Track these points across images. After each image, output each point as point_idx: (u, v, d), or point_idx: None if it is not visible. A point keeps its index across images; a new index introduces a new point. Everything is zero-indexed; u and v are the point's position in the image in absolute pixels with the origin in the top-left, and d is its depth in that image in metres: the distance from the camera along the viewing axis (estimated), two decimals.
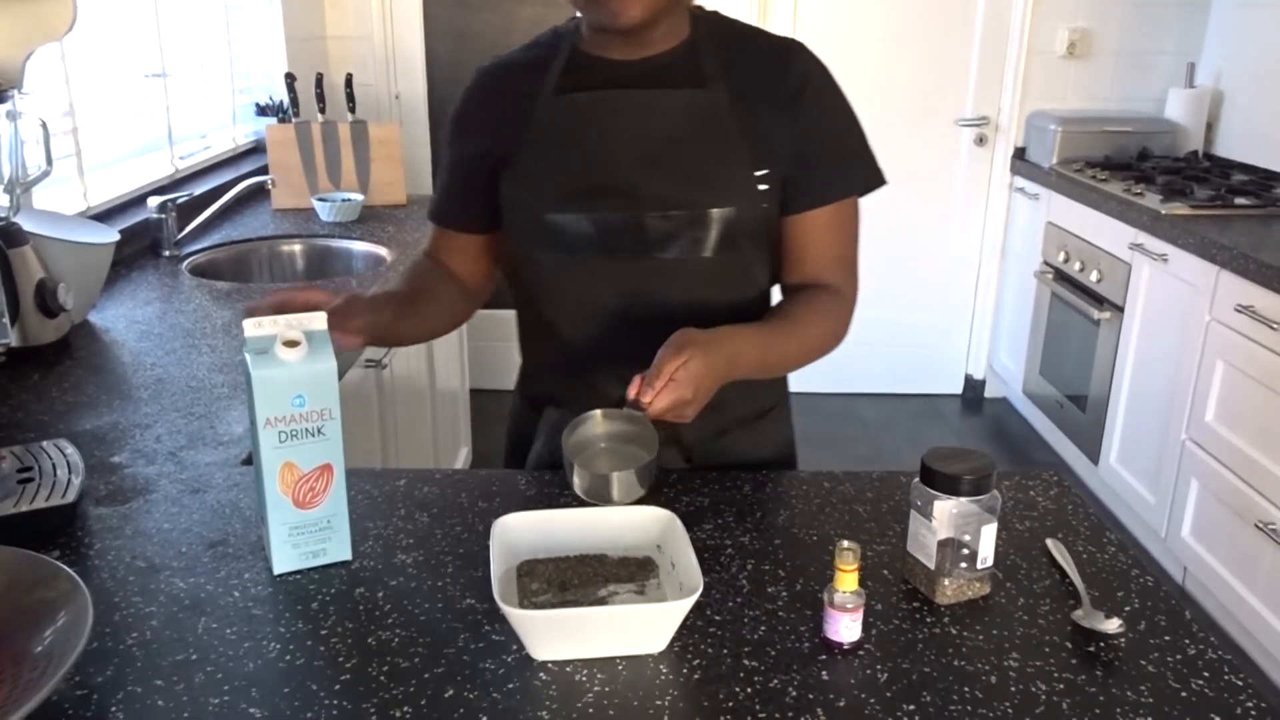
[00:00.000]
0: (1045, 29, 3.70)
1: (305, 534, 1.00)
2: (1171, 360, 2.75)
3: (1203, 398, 2.60)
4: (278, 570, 1.00)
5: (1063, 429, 3.48)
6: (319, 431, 0.98)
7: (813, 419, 3.85)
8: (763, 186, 1.18)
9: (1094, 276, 3.18)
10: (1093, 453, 3.21)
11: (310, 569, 1.01)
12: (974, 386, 4.15)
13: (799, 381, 1.34)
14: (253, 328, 0.96)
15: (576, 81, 1.20)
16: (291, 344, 0.96)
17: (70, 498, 1.08)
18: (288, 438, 0.97)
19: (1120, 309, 3.03)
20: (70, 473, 1.13)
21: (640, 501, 1.08)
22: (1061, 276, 3.42)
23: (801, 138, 1.19)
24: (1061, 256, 3.40)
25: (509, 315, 1.33)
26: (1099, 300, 3.16)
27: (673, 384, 1.04)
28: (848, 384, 4.06)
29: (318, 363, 0.96)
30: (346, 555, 1.03)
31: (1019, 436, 3.80)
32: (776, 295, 1.29)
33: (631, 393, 1.06)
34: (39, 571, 0.89)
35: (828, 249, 1.23)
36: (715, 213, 1.16)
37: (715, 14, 1.25)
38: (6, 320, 1.26)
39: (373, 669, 0.86)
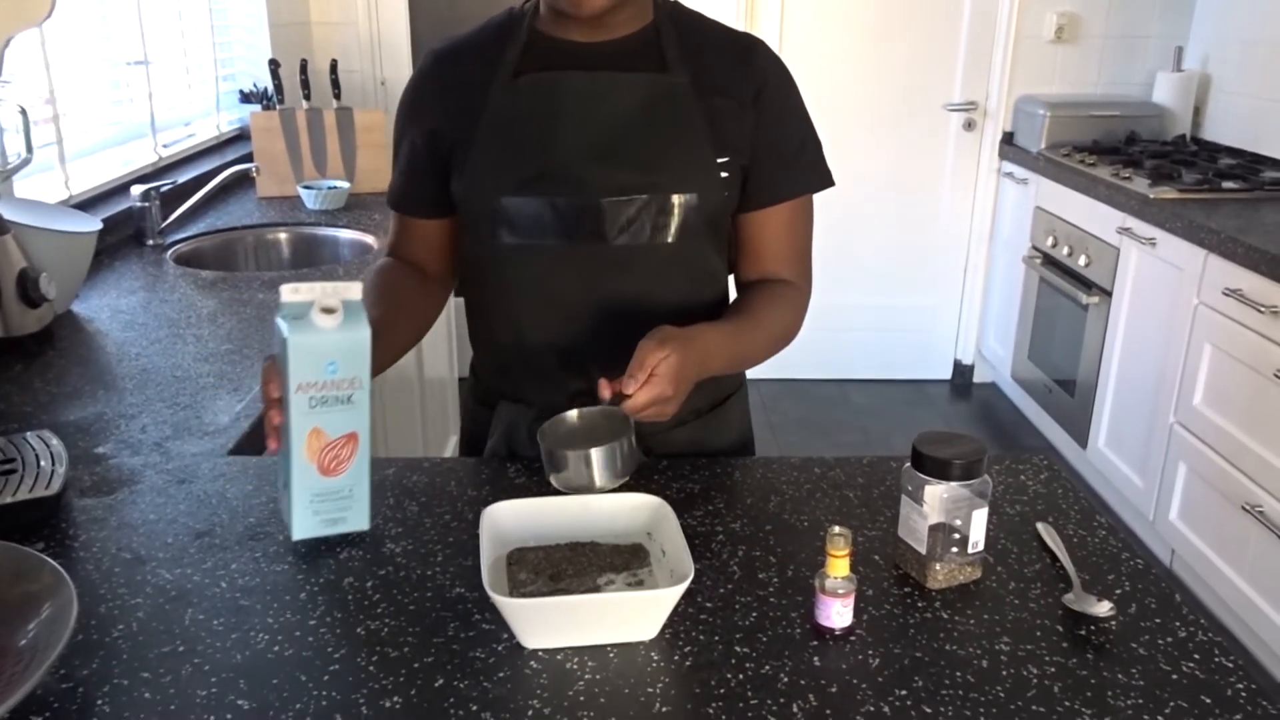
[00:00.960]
0: (1033, 13, 3.70)
1: (327, 501, 1.00)
2: (1159, 344, 2.76)
3: (1190, 381, 2.61)
4: (297, 536, 1.00)
5: (1051, 413, 3.49)
6: (348, 400, 0.98)
7: (803, 405, 3.86)
8: (724, 174, 1.17)
9: (1082, 261, 3.18)
10: (1081, 437, 3.23)
11: (319, 539, 1.02)
12: (963, 372, 4.16)
13: (790, 368, 1.34)
14: (289, 293, 0.96)
15: (534, 63, 1.18)
16: (328, 311, 0.95)
17: (54, 489, 1.07)
18: (318, 404, 0.96)
19: (1108, 293, 3.03)
20: (54, 464, 1.12)
21: (630, 488, 1.07)
22: (1050, 261, 3.43)
23: (762, 134, 1.19)
24: (1050, 241, 3.41)
25: None
26: (1087, 285, 3.16)
27: (654, 379, 1.03)
28: (838, 370, 4.06)
29: (352, 331, 0.96)
30: (364, 525, 1.03)
31: (1008, 421, 3.81)
32: (732, 290, 1.29)
33: (605, 391, 1.04)
34: (22, 564, 0.88)
35: (785, 245, 1.24)
36: (678, 198, 1.15)
37: (677, 4, 1.23)
38: None
39: (362, 659, 0.86)
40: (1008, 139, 3.81)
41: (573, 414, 1.11)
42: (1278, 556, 2.28)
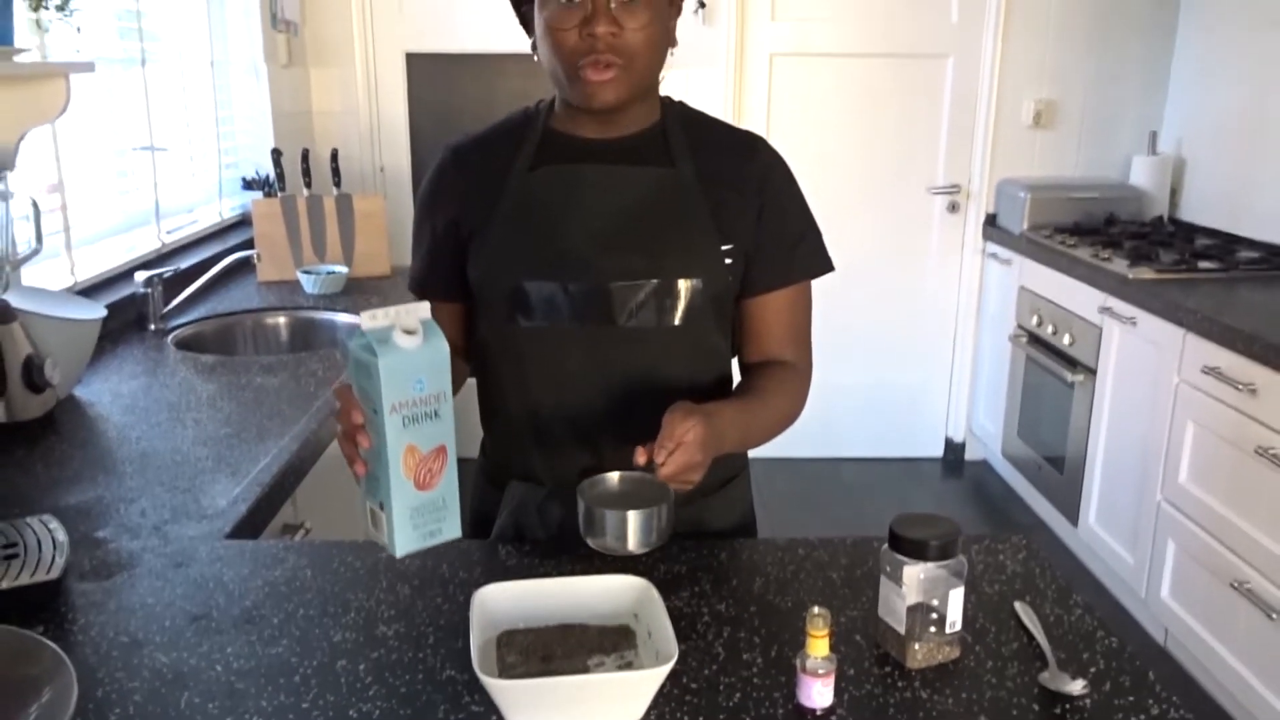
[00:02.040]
0: (1011, 100, 3.83)
1: (425, 514, 1.01)
2: (1144, 421, 2.80)
3: (1175, 458, 2.64)
4: (400, 552, 1.01)
5: (1042, 491, 3.51)
6: (436, 414, 1.00)
7: (796, 482, 3.87)
8: (728, 261, 1.23)
9: (1066, 339, 3.25)
10: (1071, 514, 3.25)
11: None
12: (954, 449, 4.19)
13: (783, 446, 1.37)
14: (369, 320, 0.99)
15: (549, 157, 1.25)
16: (410, 331, 0.99)
17: (55, 574, 1.10)
18: (410, 421, 0.98)
19: (1093, 371, 3.09)
20: (55, 549, 1.15)
21: (618, 567, 1.10)
22: (1035, 340, 3.49)
23: (764, 224, 1.26)
24: (1035, 320, 3.47)
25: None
26: (1072, 363, 3.22)
27: (683, 447, 1.07)
28: (830, 448, 4.09)
29: (433, 348, 0.99)
30: (458, 532, 1.04)
31: (999, 499, 3.83)
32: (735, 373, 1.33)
33: (640, 457, 1.07)
34: (24, 647, 0.91)
35: (786, 328, 1.29)
36: (683, 283, 1.21)
37: (682, 103, 1.31)
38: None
39: None
40: (991, 220, 3.91)
41: (614, 475, 1.13)
42: (1268, 634, 2.29)
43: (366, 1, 3.68)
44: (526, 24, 1.24)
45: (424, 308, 1.02)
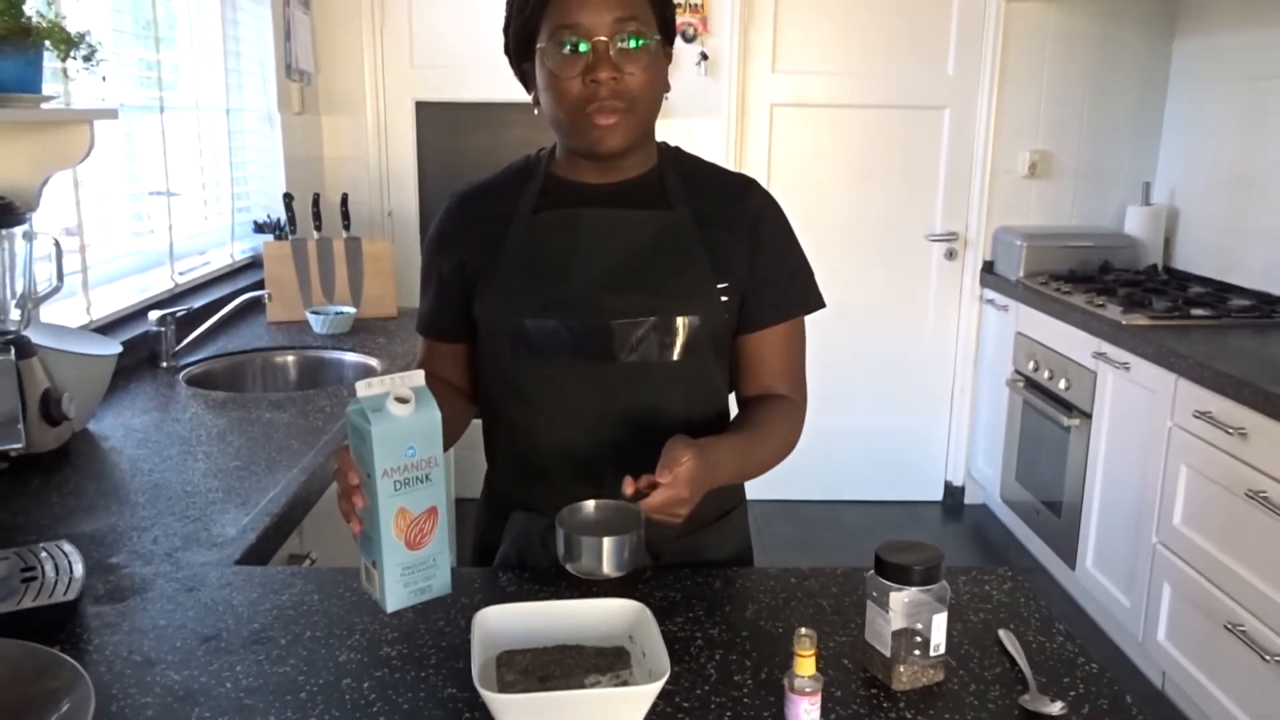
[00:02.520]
0: (1006, 151, 3.91)
1: (415, 572, 1.07)
2: (1138, 465, 2.83)
3: (1170, 501, 2.67)
4: (391, 608, 1.06)
5: (1040, 535, 3.53)
6: (427, 478, 1.05)
7: (796, 525, 3.90)
8: (724, 298, 1.28)
9: (1062, 384, 3.29)
10: (1069, 558, 3.26)
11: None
12: (954, 493, 4.21)
13: (784, 489, 1.41)
14: (364, 388, 1.05)
15: (552, 202, 1.31)
16: (403, 400, 1.04)
17: (71, 595, 1.14)
18: (401, 485, 1.04)
19: (1088, 415, 3.13)
20: (71, 572, 1.19)
21: (616, 594, 1.14)
22: (1032, 384, 3.53)
23: (758, 261, 1.31)
24: (1031, 365, 3.52)
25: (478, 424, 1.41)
26: (1068, 407, 3.26)
27: (674, 482, 1.11)
28: (831, 491, 4.12)
29: (424, 416, 1.05)
30: (448, 589, 1.10)
31: (998, 543, 3.85)
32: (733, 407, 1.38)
33: (628, 487, 1.12)
34: (44, 662, 0.95)
35: (781, 362, 1.35)
36: (681, 320, 1.26)
37: (678, 149, 1.38)
38: (21, 426, 1.33)
39: None
40: (988, 268, 3.97)
41: (590, 504, 1.19)
42: (1263, 676, 2.30)
43: (378, 53, 3.79)
44: (526, 80, 1.30)
45: (418, 376, 1.08)
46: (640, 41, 1.21)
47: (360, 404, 1.04)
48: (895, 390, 4.12)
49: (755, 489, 1.37)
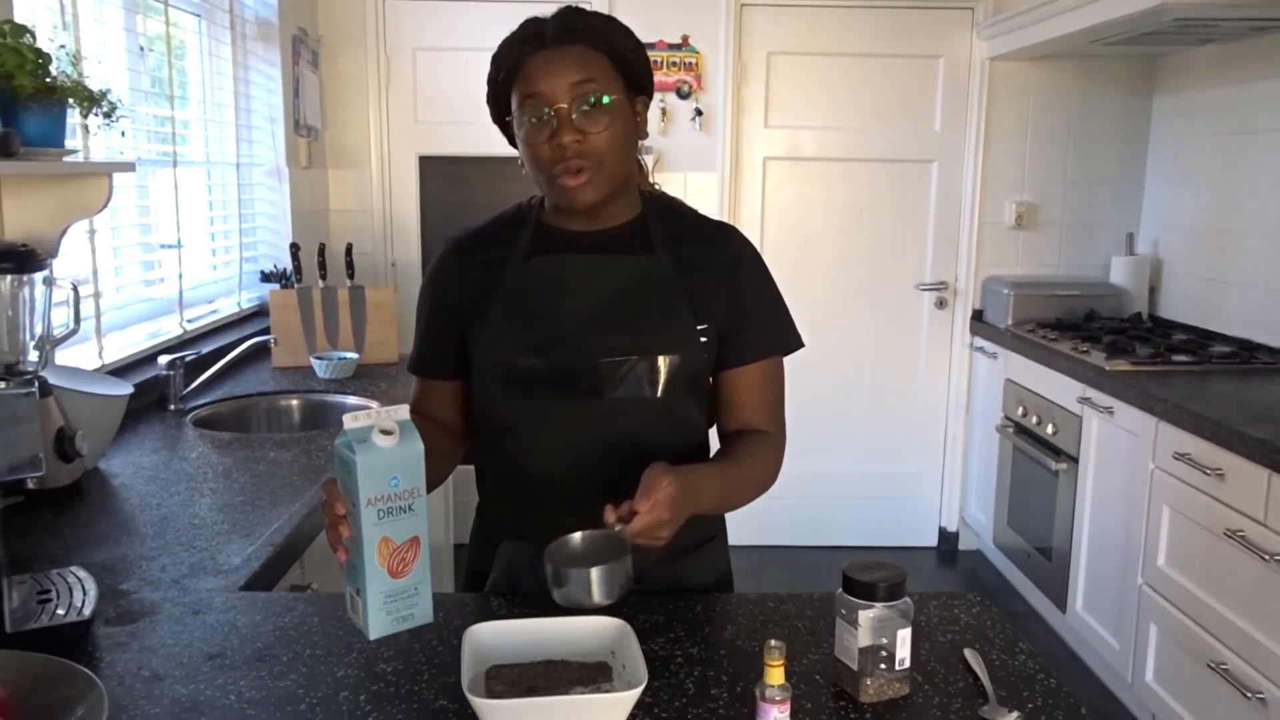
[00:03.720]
0: (994, 203, 4.02)
1: (397, 600, 1.10)
2: (1123, 507, 2.89)
3: (1154, 542, 2.72)
4: (374, 635, 1.09)
5: (1032, 579, 3.57)
6: (409, 508, 1.10)
7: (791, 572, 3.94)
8: (703, 339, 1.36)
9: (1050, 429, 3.35)
10: (1060, 601, 3.30)
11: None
12: (948, 539, 4.25)
13: (779, 535, 1.47)
14: (350, 421, 1.10)
15: (542, 248, 1.39)
16: (387, 432, 1.10)
17: (86, 614, 1.20)
18: (385, 515, 1.09)
19: (1075, 460, 3.19)
20: (84, 594, 1.26)
21: (599, 613, 1.20)
22: (1021, 430, 3.60)
23: (737, 303, 1.39)
24: (1020, 411, 3.59)
25: None
26: (1056, 452, 3.32)
27: (655, 505, 1.17)
28: (826, 538, 4.16)
29: (408, 447, 1.10)
30: (429, 618, 1.13)
31: (992, 588, 3.88)
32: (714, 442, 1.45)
33: (610, 515, 1.18)
34: (60, 672, 1.01)
35: (759, 398, 1.42)
36: (662, 359, 1.34)
37: (662, 195, 1.47)
38: (42, 455, 1.41)
39: None
40: (977, 316, 4.06)
41: (577, 536, 1.23)
42: (1246, 715, 2.34)
43: (383, 109, 3.92)
44: (511, 138, 1.38)
45: (403, 410, 1.13)
46: (602, 100, 1.28)
47: (347, 435, 1.09)
48: (889, 437, 4.18)
49: (750, 534, 1.43)
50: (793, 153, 4.01)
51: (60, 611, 1.20)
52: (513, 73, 1.31)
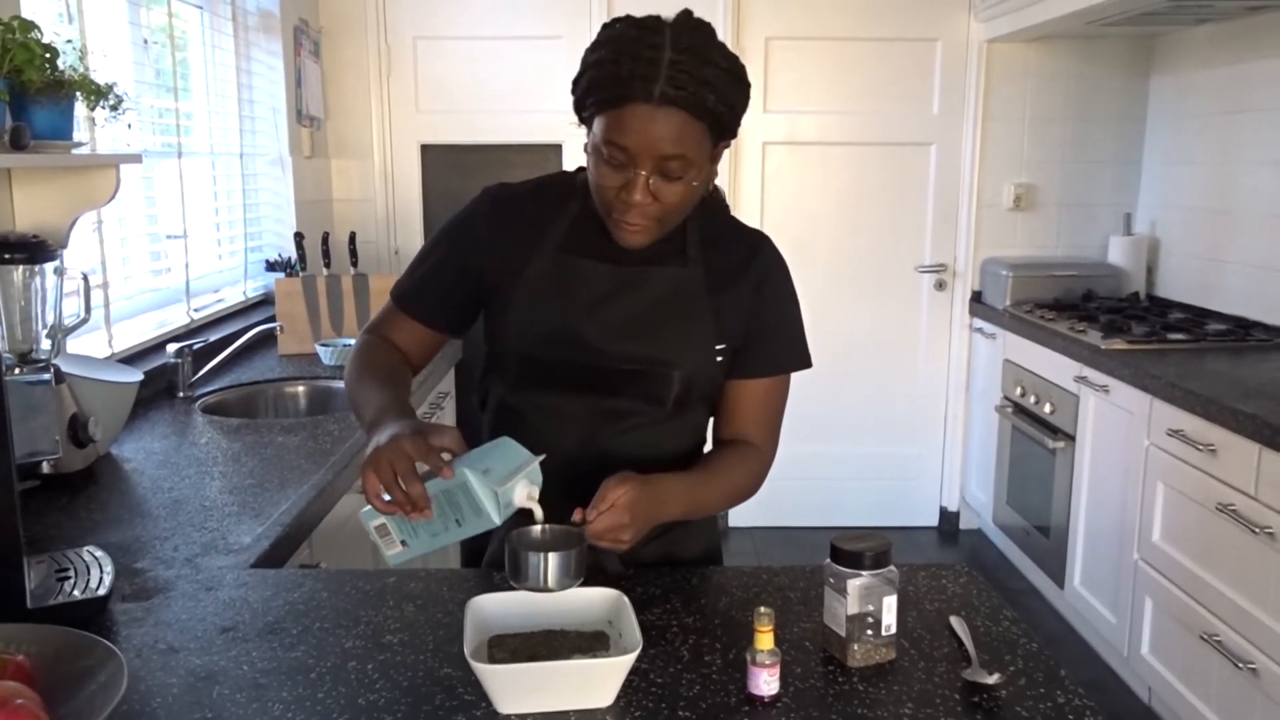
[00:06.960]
0: (992, 185, 4.05)
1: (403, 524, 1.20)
2: (1119, 484, 2.93)
3: (1149, 518, 2.76)
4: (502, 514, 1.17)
5: (1031, 556, 3.61)
6: (459, 521, 1.20)
7: (794, 551, 3.98)
8: (719, 359, 1.38)
9: (1047, 408, 3.39)
10: (1058, 578, 3.34)
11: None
12: (949, 518, 4.30)
13: (782, 516, 1.51)
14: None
15: (577, 241, 1.37)
16: (530, 500, 1.21)
17: (104, 590, 1.25)
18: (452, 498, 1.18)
19: (1072, 438, 3.22)
20: (101, 572, 1.30)
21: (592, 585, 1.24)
22: (1020, 409, 3.63)
23: (756, 319, 1.40)
24: (1018, 391, 3.62)
25: None
26: (1053, 430, 3.36)
27: (613, 509, 1.20)
28: (828, 518, 4.20)
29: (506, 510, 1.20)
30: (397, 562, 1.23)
31: (992, 566, 3.92)
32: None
33: (577, 515, 1.21)
34: (81, 643, 1.05)
35: (759, 412, 1.43)
36: (677, 374, 1.36)
37: (707, 201, 1.38)
38: (59, 438, 1.45)
39: None
40: (976, 297, 4.09)
41: (538, 528, 1.25)
42: (1239, 685, 2.38)
43: (385, 99, 3.96)
44: (586, 125, 1.31)
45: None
46: (685, 173, 1.23)
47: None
48: (890, 418, 4.22)
49: (754, 515, 1.48)
50: (791, 137, 4.04)
51: (78, 590, 1.25)
52: (604, 106, 1.22)
